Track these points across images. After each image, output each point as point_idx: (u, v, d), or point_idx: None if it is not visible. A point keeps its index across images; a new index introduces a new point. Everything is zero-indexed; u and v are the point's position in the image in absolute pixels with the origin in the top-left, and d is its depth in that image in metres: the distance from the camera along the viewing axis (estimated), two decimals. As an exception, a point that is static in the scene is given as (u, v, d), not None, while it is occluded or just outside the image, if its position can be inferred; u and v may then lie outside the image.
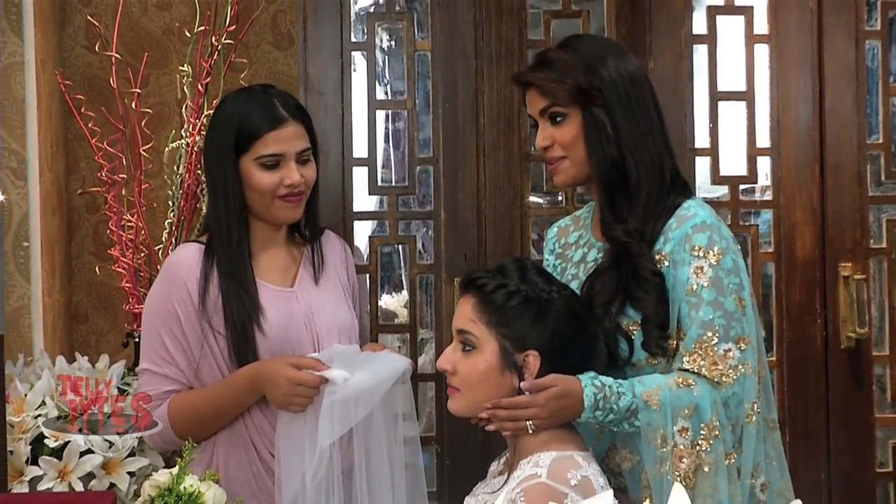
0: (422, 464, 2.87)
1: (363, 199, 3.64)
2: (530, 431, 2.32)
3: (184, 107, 3.42)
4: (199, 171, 3.31)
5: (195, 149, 3.34)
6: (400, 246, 3.85)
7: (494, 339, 2.34)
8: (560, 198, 3.67)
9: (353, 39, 3.59)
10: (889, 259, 3.57)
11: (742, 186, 3.60)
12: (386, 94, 3.90)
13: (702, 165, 3.58)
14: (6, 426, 2.69)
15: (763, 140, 3.56)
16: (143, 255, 3.42)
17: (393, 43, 3.92)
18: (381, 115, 3.69)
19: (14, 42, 3.45)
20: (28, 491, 2.77)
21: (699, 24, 3.59)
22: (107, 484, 2.84)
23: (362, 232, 3.72)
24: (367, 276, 3.53)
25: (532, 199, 3.60)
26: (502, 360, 2.34)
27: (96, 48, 3.65)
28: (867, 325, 3.48)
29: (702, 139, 3.57)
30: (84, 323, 3.93)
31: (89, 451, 2.83)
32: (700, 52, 3.59)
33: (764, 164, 3.58)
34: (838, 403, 3.51)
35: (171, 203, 3.40)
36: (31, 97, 3.47)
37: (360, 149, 3.57)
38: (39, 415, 2.85)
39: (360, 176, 3.58)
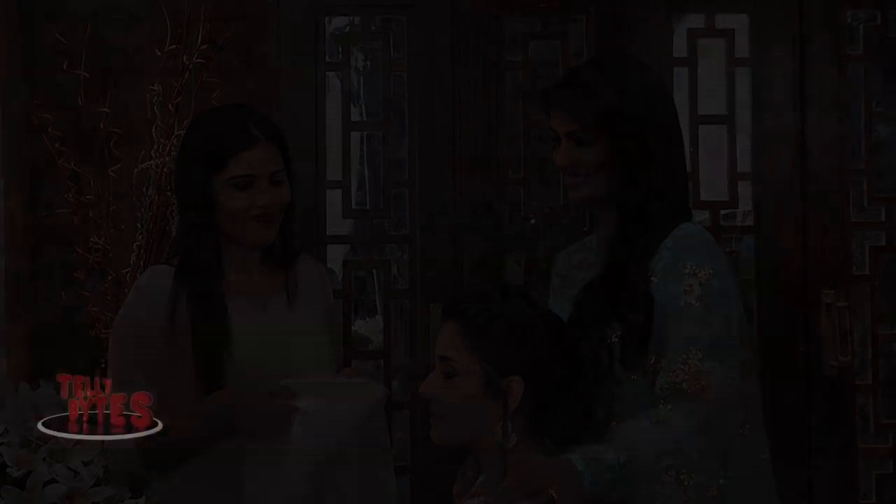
0: (395, 492, 2.80)
1: (337, 223, 3.61)
2: (556, 497, 2.19)
3: (153, 127, 3.37)
4: (168, 193, 3.26)
5: (165, 170, 3.29)
6: (374, 270, 3.84)
7: (477, 364, 2.29)
8: (534, 221, 3.63)
9: (328, 60, 3.58)
10: (873, 286, 3.55)
11: (723, 211, 3.59)
12: (361, 115, 3.90)
13: (682, 190, 3.57)
14: (-34, 455, 2.62)
15: (744, 165, 3.55)
16: (109, 278, 3.36)
17: (368, 63, 3.92)
18: (355, 136, 3.67)
19: (-22, 60, 3.41)
20: (-12, 522, 2.70)
21: (679, 47, 3.59)
22: (71, 515, 2.77)
23: (336, 256, 3.70)
24: (341, 300, 3.49)
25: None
26: (485, 385, 2.29)
27: (64, 66, 3.59)
28: (850, 354, 3.45)
29: (682, 163, 3.55)
30: (49, 348, 3.85)
31: (53, 481, 2.75)
32: (680, 75, 3.58)
33: (745, 189, 3.57)
34: (821, 433, 3.48)
35: (139, 225, 3.34)
36: (-5, 116, 3.42)
37: (334, 171, 3.55)
38: (2, 443, 2.77)
39: (333, 199, 3.56)
